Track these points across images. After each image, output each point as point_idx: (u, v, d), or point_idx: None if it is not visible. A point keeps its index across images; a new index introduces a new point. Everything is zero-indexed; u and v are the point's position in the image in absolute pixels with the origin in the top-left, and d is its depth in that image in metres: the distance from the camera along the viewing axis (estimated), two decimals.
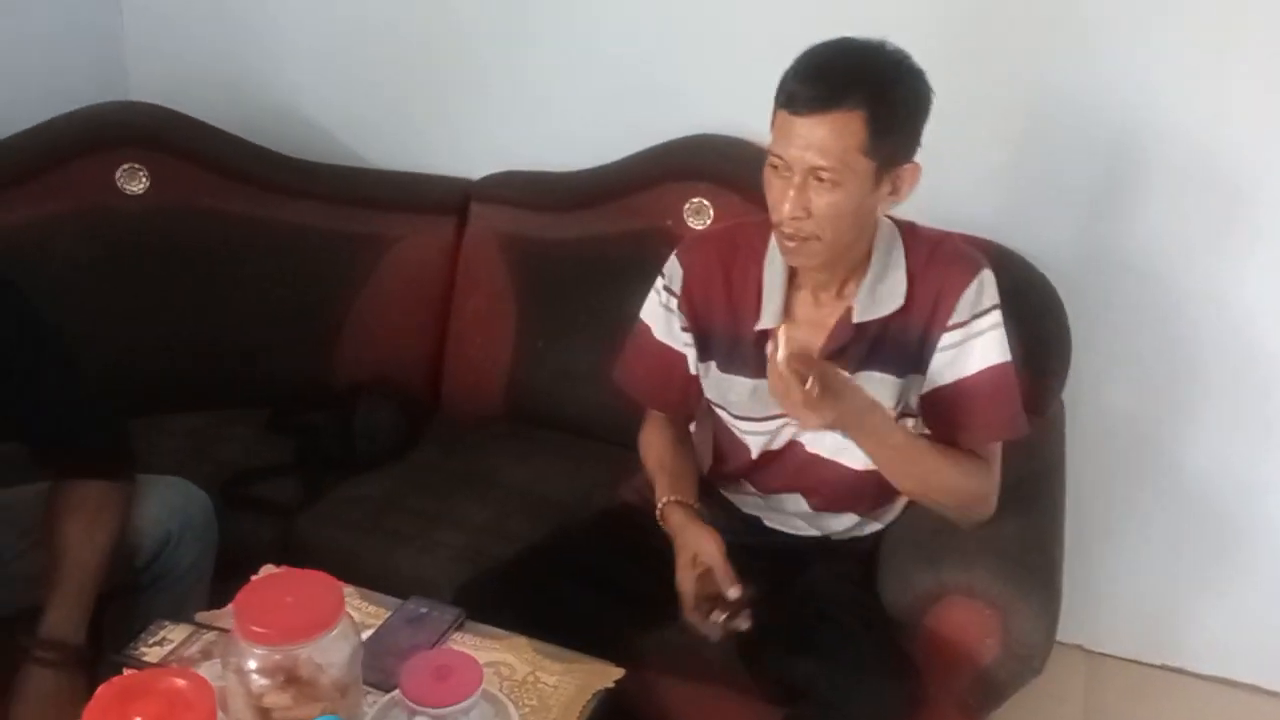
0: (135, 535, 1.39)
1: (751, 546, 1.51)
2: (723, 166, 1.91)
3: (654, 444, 1.53)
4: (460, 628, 1.29)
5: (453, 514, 1.72)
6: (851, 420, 1.25)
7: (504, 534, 1.66)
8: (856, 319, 1.33)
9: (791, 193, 1.23)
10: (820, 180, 1.22)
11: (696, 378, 1.46)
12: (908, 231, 1.38)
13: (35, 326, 1.31)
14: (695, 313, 1.42)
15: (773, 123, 1.26)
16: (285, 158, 2.06)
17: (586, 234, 1.96)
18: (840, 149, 1.20)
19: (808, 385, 1.16)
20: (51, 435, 1.35)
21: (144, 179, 1.93)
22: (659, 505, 1.45)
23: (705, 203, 1.89)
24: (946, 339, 1.33)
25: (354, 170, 2.10)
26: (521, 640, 1.26)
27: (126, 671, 1.16)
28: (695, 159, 1.94)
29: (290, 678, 0.97)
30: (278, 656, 0.97)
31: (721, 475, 1.56)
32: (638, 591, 1.50)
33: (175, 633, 1.22)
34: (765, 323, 1.36)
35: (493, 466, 1.85)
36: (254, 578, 1.34)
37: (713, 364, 1.42)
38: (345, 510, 1.73)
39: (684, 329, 1.43)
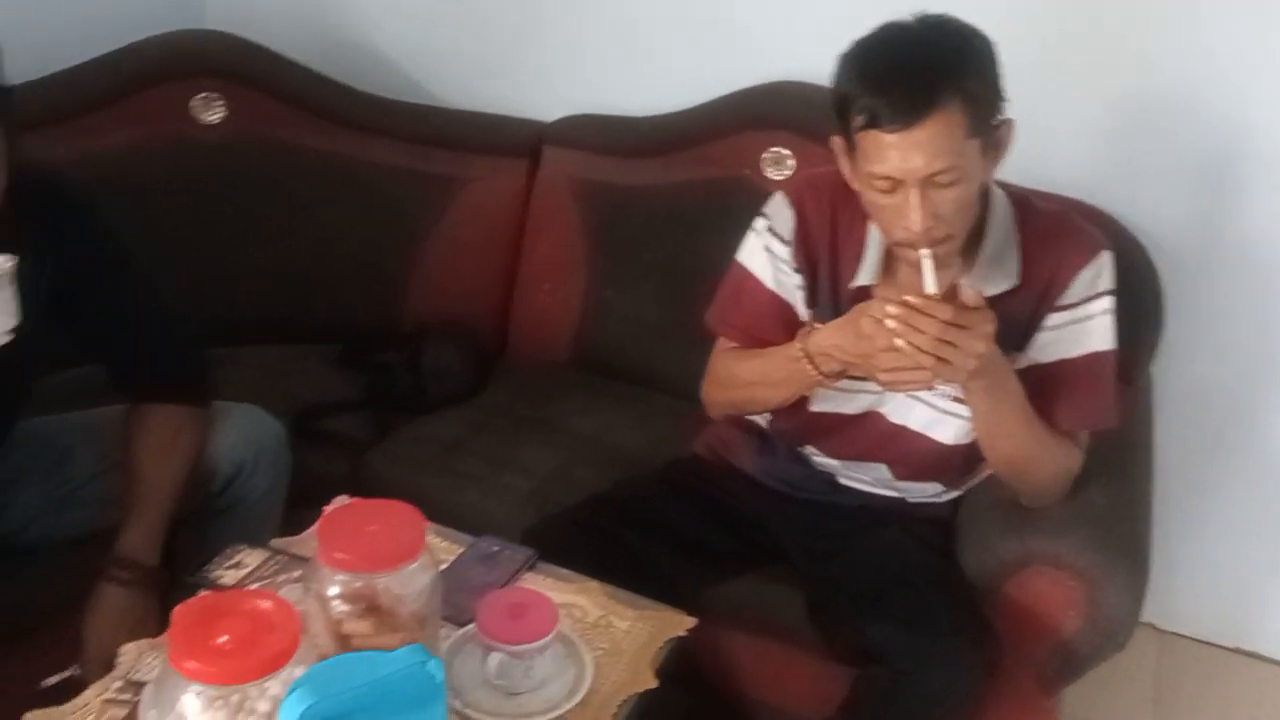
0: (211, 461, 1.39)
1: (823, 503, 1.49)
2: (805, 115, 1.84)
3: (739, 353, 1.43)
4: (531, 568, 1.27)
5: (519, 459, 1.70)
6: (992, 376, 1.19)
7: (570, 481, 1.65)
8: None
9: (915, 206, 1.15)
10: (939, 184, 1.15)
11: (803, 322, 1.37)
12: (1022, 205, 1.31)
13: (117, 249, 1.30)
14: (805, 257, 1.35)
15: (851, 145, 1.20)
16: (361, 94, 2.04)
17: (661, 181, 1.92)
18: (952, 148, 1.14)
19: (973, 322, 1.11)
20: (131, 358, 1.35)
21: (220, 109, 1.92)
22: (799, 349, 1.29)
23: (785, 152, 1.84)
24: (1055, 319, 1.28)
25: (429, 109, 2.07)
26: (593, 584, 1.25)
27: (202, 593, 1.17)
28: (776, 106, 1.88)
29: (370, 606, 0.96)
30: (359, 584, 0.96)
31: (783, 433, 1.51)
32: (707, 545, 1.49)
33: (251, 557, 1.22)
34: (863, 279, 1.31)
35: (559, 414, 1.83)
36: (336, 505, 1.34)
37: (812, 312, 1.37)
38: (414, 448, 1.72)
39: (796, 270, 1.36)
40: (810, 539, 1.46)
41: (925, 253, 1.16)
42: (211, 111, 1.91)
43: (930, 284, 1.15)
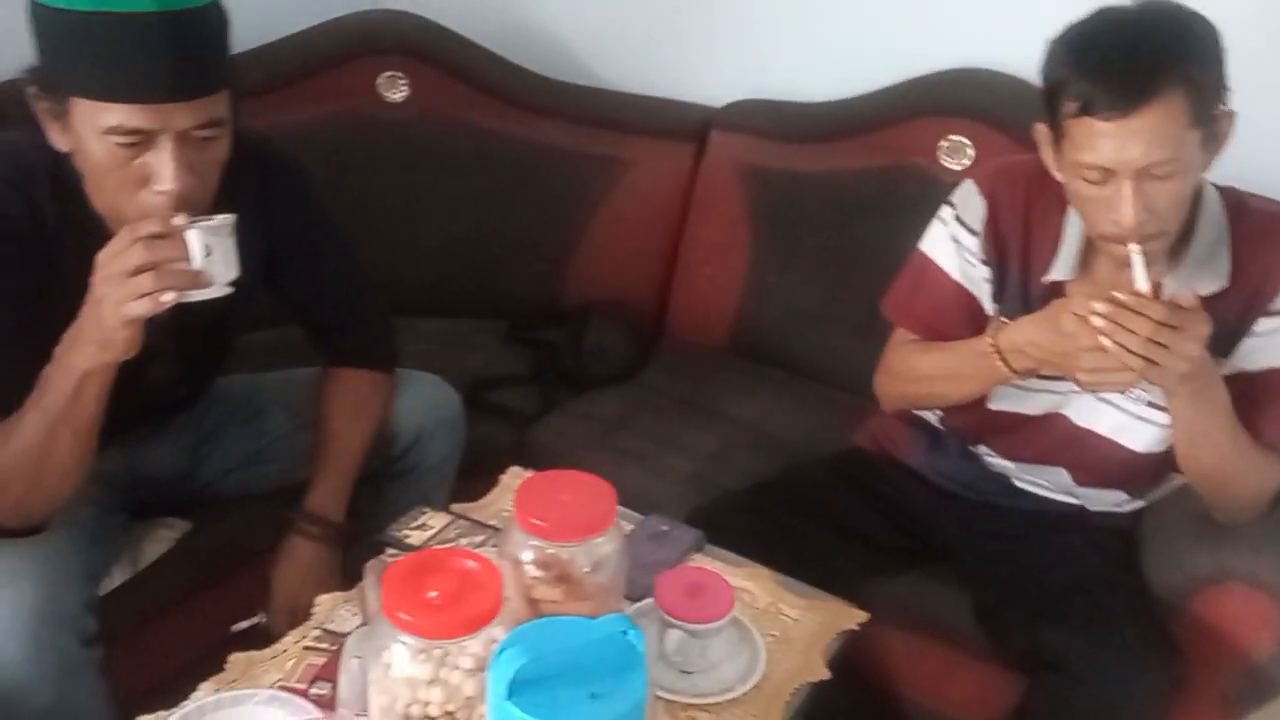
0: (393, 426, 1.45)
1: (996, 505, 1.44)
2: (986, 102, 1.79)
3: (919, 346, 1.38)
4: (699, 549, 1.28)
5: (680, 440, 1.72)
6: (1200, 382, 1.14)
7: (731, 465, 1.65)
8: (1169, 296, 1.21)
9: (1127, 199, 1.10)
10: (1155, 176, 1.09)
11: (989, 317, 1.33)
12: (1235, 203, 1.23)
13: (324, 216, 1.37)
14: (996, 249, 1.31)
15: (1059, 133, 1.15)
16: (533, 75, 2.08)
17: (831, 168, 1.89)
18: (1171, 138, 1.08)
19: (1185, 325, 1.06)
20: (329, 322, 1.42)
21: (404, 87, 1.99)
22: (990, 344, 1.24)
23: (964, 140, 1.79)
24: (1265, 324, 1.21)
25: (598, 92, 2.09)
26: (763, 570, 1.25)
27: (388, 551, 1.22)
28: (957, 94, 1.83)
29: (562, 574, 0.98)
30: (551, 551, 0.98)
31: (956, 429, 1.47)
32: (871, 538, 1.47)
33: (434, 519, 1.27)
34: (1057, 274, 1.26)
35: (719, 398, 1.83)
36: (510, 475, 1.39)
37: (998, 306, 1.33)
38: (577, 424, 1.76)
39: (984, 262, 1.32)
40: (982, 540, 1.42)
41: (1136, 248, 1.11)
42: (396, 90, 1.99)
43: (1142, 281, 1.09)
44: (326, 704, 0.98)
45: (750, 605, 1.19)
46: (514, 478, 1.40)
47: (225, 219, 1.05)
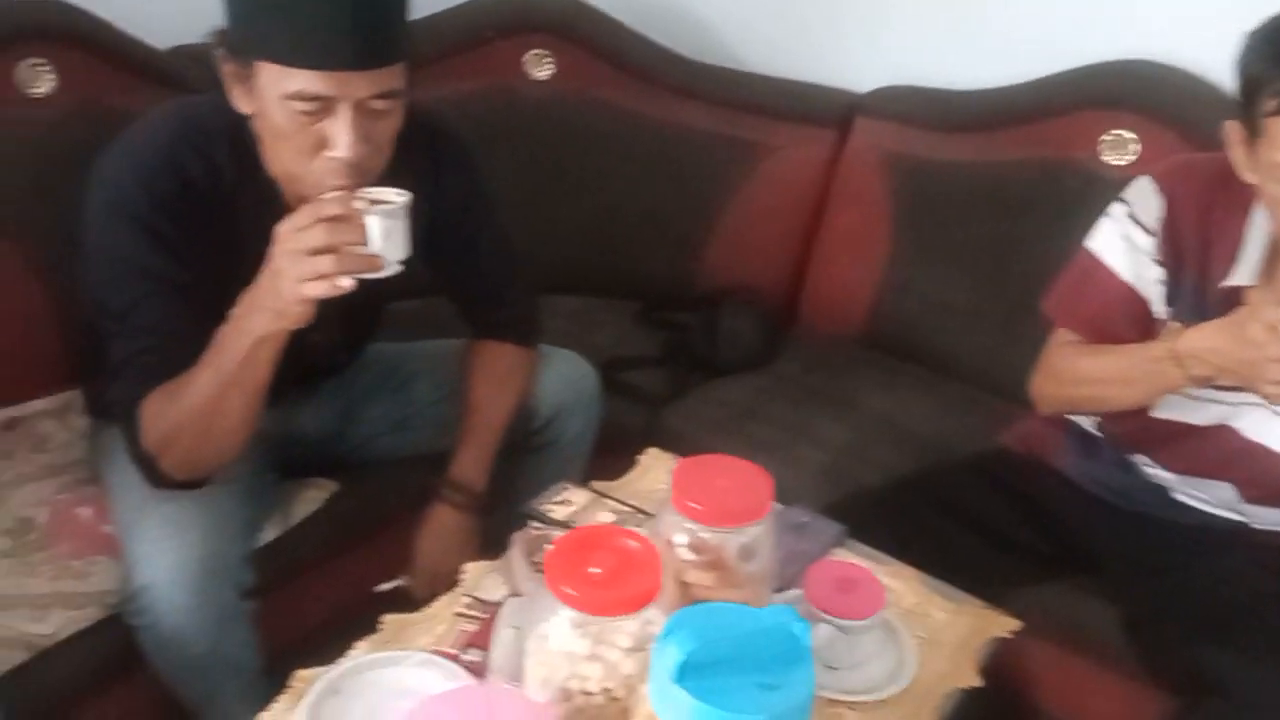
0: (534, 400, 1.47)
1: (1153, 517, 1.38)
2: (1153, 97, 1.71)
3: (1084, 348, 1.32)
4: (840, 544, 1.26)
5: (813, 430, 1.69)
6: None
7: (866, 458, 1.62)
8: None
9: None
10: None
11: (1159, 321, 1.28)
12: None
13: (485, 191, 1.38)
14: (1172, 250, 1.24)
15: (1255, 132, 1.08)
16: (677, 56, 2.06)
17: (982, 159, 1.83)
18: None
19: None
20: (479, 295, 1.44)
21: (549, 66, 2.01)
22: (1165, 349, 1.18)
23: (1128, 135, 1.70)
24: None
25: (742, 74, 2.07)
26: (908, 569, 1.22)
27: (531, 524, 1.23)
28: (1121, 86, 1.74)
29: (714, 559, 0.97)
30: (705, 535, 0.97)
31: (1113, 436, 1.41)
32: (1017, 543, 1.42)
33: (576, 496, 1.27)
34: (1237, 278, 1.19)
35: (852, 390, 1.80)
36: (649, 455, 1.39)
37: (1171, 310, 1.27)
38: (709, 409, 1.75)
39: (1158, 263, 1.26)
40: (1135, 552, 1.36)
41: None
42: (542, 68, 2.00)
43: None
44: (478, 670, 0.99)
45: (896, 605, 1.16)
46: (652, 459, 1.40)
47: (402, 202, 1.06)
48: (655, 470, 1.38)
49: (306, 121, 1.05)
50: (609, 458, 1.58)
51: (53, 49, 1.51)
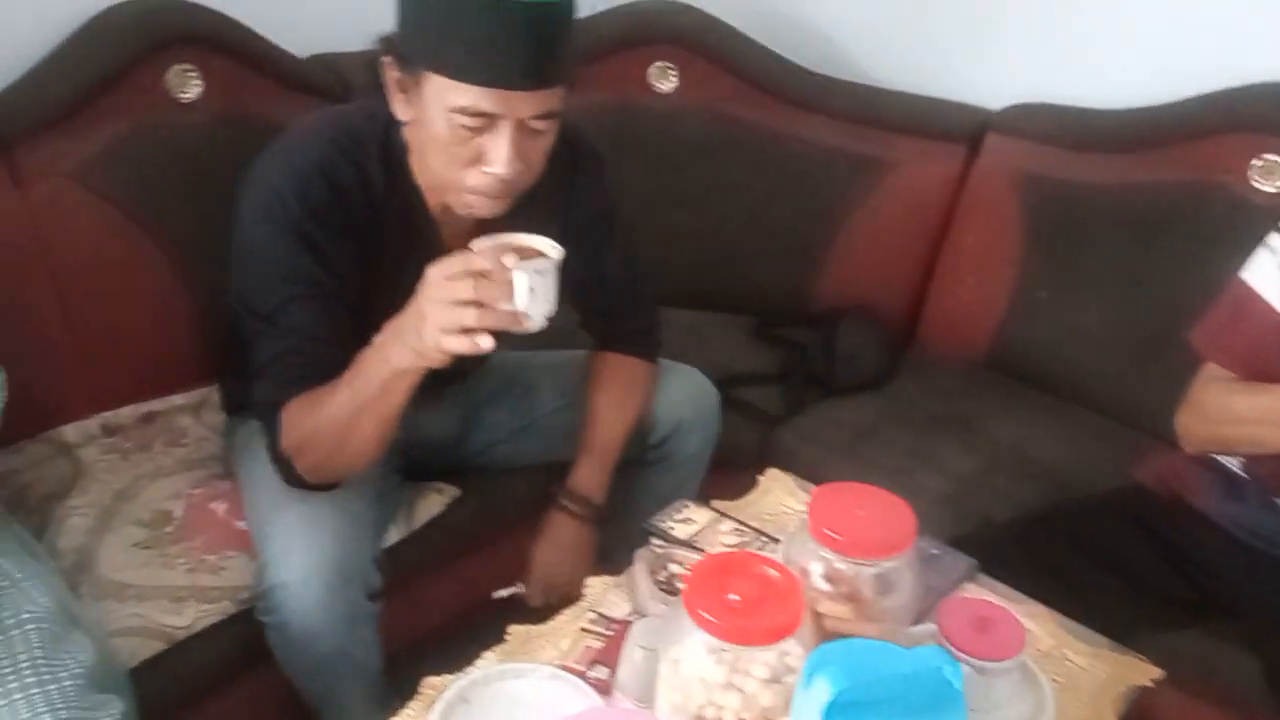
0: (654, 415, 1.46)
1: None
2: None
3: (1238, 385, 1.25)
4: (972, 579, 1.21)
5: (934, 456, 1.64)
6: None
7: (990, 488, 1.57)
8: None
9: None
10: None
11: None
12: None
13: (615, 203, 1.38)
14: None
15: None
16: (802, 70, 2.04)
17: (1121, 180, 1.76)
18: None
19: None
20: (604, 306, 1.44)
21: (674, 78, 2.00)
22: None
23: None
24: None
25: (869, 89, 2.03)
26: (1042, 609, 1.17)
27: (653, 541, 1.22)
28: (1274, 109, 1.66)
29: (851, 591, 0.94)
30: (843, 566, 0.95)
31: (1259, 477, 1.33)
32: (1152, 586, 1.35)
33: (698, 515, 1.25)
34: None
35: (975, 415, 1.74)
36: (769, 477, 1.37)
37: None
38: (825, 430, 1.71)
39: None
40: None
41: None
42: (666, 80, 2.00)
43: None
44: (604, 688, 0.99)
45: (1031, 646, 1.11)
46: (772, 480, 1.38)
47: (553, 260, 1.05)
48: (776, 492, 1.36)
49: (467, 135, 1.07)
50: (722, 474, 1.57)
51: (201, 55, 1.57)
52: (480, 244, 1.05)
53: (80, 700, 0.99)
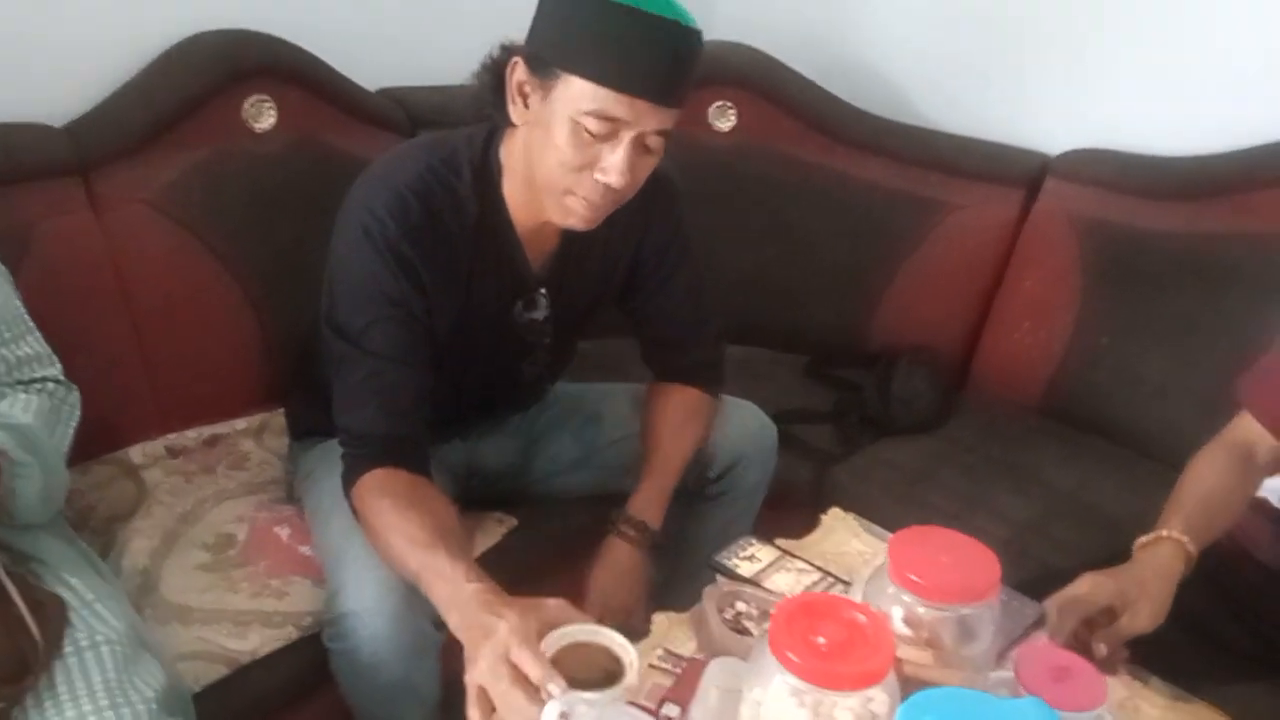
0: (713, 448, 1.45)
1: None
2: None
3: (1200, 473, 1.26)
4: (1042, 625, 1.19)
5: (991, 502, 1.63)
6: None
7: (1049, 536, 1.56)
8: None
9: None
10: None
11: None
12: None
13: (687, 233, 1.39)
14: None
15: None
16: (860, 112, 2.05)
17: (1185, 228, 1.76)
18: None
19: None
20: (668, 337, 1.44)
21: (732, 117, 2.02)
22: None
23: None
24: None
25: (927, 132, 2.04)
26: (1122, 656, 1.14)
27: (720, 579, 1.22)
28: None
29: (932, 637, 0.93)
30: (923, 611, 0.94)
31: None
32: (1221, 638, 1.32)
33: (763, 552, 1.25)
34: None
35: (1032, 461, 1.73)
36: (832, 516, 1.36)
37: None
38: (879, 471, 1.71)
39: None
40: None
41: None
42: (725, 119, 2.01)
43: None
44: None
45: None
46: (835, 520, 1.37)
47: (607, 694, 0.89)
48: (839, 532, 1.35)
49: (588, 141, 1.08)
50: (774, 510, 1.56)
51: (276, 86, 1.60)
52: (552, 639, 0.92)
53: None
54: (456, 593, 1.01)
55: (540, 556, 1.49)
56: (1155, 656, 1.22)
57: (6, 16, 1.45)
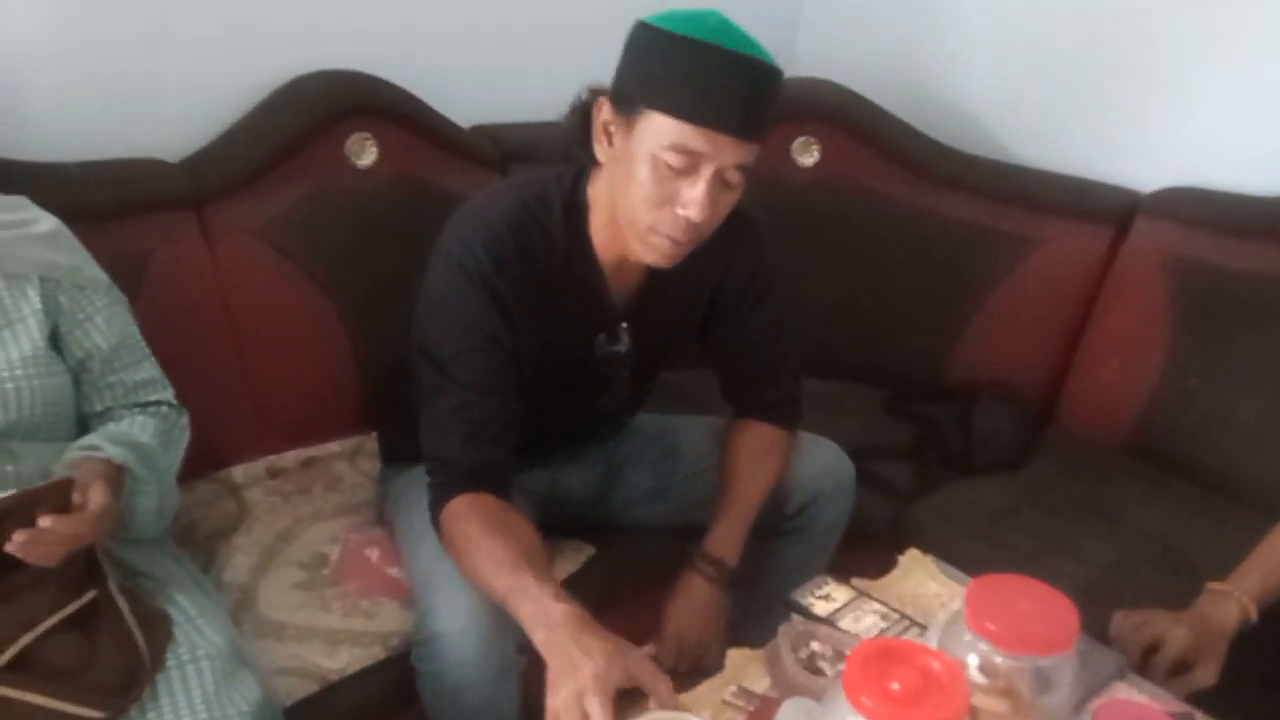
0: (791, 485, 1.46)
1: None
2: None
3: None
4: (1122, 677, 1.18)
5: (1073, 543, 1.61)
6: None
7: (1134, 581, 1.52)
8: None
9: None
10: None
11: None
12: None
13: (771, 269, 1.41)
14: None
15: None
16: (944, 147, 2.05)
17: (1279, 269, 1.71)
18: None
19: None
20: (748, 373, 1.46)
21: (815, 152, 2.04)
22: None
23: None
24: None
25: (1014, 168, 2.03)
26: (1197, 713, 1.13)
27: (795, 617, 1.23)
28: None
29: (1008, 687, 0.94)
30: (1000, 660, 0.94)
31: None
32: None
33: (838, 592, 1.26)
34: None
35: (1116, 502, 1.70)
36: (910, 557, 1.37)
37: None
38: (959, 509, 1.69)
39: None
40: None
41: None
42: (809, 154, 2.03)
43: None
44: None
45: None
46: (912, 561, 1.37)
47: None
48: (917, 574, 1.35)
49: (669, 176, 1.12)
50: (851, 547, 1.56)
51: (377, 124, 1.68)
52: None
53: None
54: (544, 612, 1.05)
55: (617, 585, 1.52)
56: (1243, 709, 1.20)
57: (130, 61, 1.56)
